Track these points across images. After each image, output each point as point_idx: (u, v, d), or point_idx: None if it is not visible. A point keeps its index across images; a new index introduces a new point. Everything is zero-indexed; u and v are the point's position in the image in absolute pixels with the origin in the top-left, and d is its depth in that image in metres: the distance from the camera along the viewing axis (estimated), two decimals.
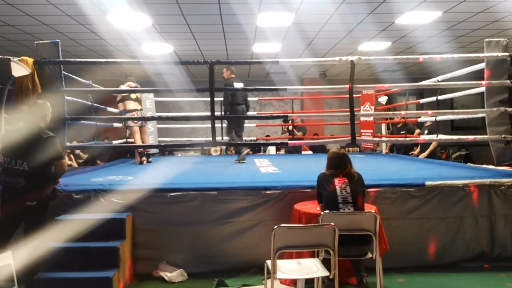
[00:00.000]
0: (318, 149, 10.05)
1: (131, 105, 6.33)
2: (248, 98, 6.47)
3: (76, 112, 5.03)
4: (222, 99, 6.40)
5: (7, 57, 4.18)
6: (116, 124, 7.70)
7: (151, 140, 8.01)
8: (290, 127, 9.06)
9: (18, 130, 3.54)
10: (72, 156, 8.55)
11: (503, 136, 4.61)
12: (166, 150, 9.97)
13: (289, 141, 5.77)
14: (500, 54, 4.62)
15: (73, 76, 5.28)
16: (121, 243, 3.60)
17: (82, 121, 5.10)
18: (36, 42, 4.60)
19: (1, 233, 3.35)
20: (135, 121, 6.30)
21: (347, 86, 4.58)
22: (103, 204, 3.90)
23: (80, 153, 9.23)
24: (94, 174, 5.12)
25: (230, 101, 6.25)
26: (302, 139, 9.12)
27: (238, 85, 6.30)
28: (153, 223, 3.94)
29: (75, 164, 8.54)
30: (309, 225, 3.24)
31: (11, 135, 3.52)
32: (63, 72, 4.68)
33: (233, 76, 6.44)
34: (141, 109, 6.44)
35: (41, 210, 3.45)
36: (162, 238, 3.94)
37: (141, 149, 6.49)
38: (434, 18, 7.33)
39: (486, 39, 4.79)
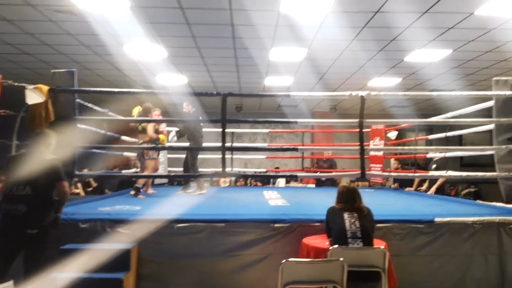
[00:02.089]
0: (327, 182, 9.99)
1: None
2: (260, 130, 6.50)
3: (92, 140, 5.12)
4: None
5: (22, 84, 4.28)
6: (126, 153, 7.79)
7: (161, 169, 8.05)
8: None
9: (20, 156, 3.60)
10: (79, 184, 8.59)
11: None
12: (175, 180, 10.00)
13: (298, 174, 5.77)
14: (508, 92, 4.66)
15: (89, 105, 5.40)
16: (126, 275, 3.55)
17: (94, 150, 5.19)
18: (52, 70, 4.71)
19: (1, 262, 3.32)
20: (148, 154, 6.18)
21: (358, 120, 4.63)
22: (109, 234, 3.88)
23: (91, 181, 9.28)
24: (101, 203, 5.13)
25: (193, 134, 6.33)
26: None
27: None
28: (158, 255, 3.90)
29: (82, 193, 8.58)
30: (317, 259, 3.20)
31: (14, 162, 3.58)
32: (81, 101, 4.78)
33: (194, 109, 6.51)
34: (143, 142, 6.18)
35: (42, 239, 3.42)
36: (168, 270, 3.89)
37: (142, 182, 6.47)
38: (444, 56, 7.44)
39: (494, 78, 4.84)
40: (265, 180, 10.44)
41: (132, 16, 5.59)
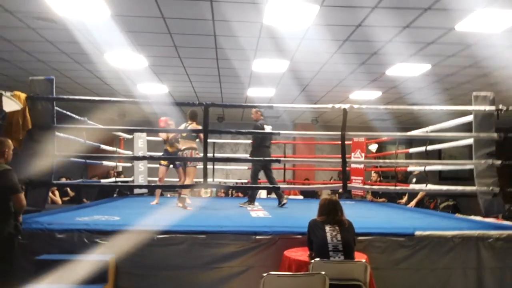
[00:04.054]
0: (309, 194, 10.01)
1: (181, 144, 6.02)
2: (241, 141, 6.46)
3: (71, 149, 5.01)
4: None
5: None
6: (106, 163, 7.65)
7: (140, 179, 7.94)
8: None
9: None
10: (57, 192, 8.38)
11: (491, 188, 4.64)
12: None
13: (280, 186, 5.77)
14: (487, 107, 4.74)
15: (68, 113, 5.30)
16: (103, 287, 3.47)
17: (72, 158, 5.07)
18: (30, 77, 4.61)
19: None
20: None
21: (340, 133, 4.65)
22: (86, 245, 3.79)
23: (68, 190, 9.07)
24: (79, 213, 5.01)
25: (259, 143, 6.26)
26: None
27: (267, 128, 6.40)
28: (137, 267, 3.80)
29: (59, 201, 8.36)
30: (299, 273, 3.17)
31: None
32: (59, 109, 4.68)
33: (262, 118, 6.48)
34: (186, 149, 5.90)
35: (6, 249, 3.31)
36: (147, 283, 3.79)
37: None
38: (424, 70, 7.57)
39: (474, 93, 4.90)
40: (247, 191, 10.38)
41: (113, 24, 5.51)
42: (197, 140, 5.91)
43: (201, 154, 5.36)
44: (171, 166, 6.62)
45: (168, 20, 5.48)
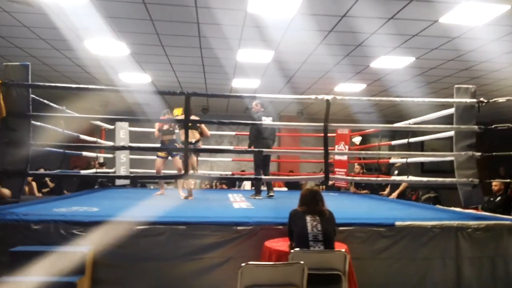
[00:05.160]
0: (293, 186, 10.02)
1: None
2: (226, 132, 6.39)
3: (48, 138, 4.89)
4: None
5: None
6: (85, 153, 7.49)
7: (122, 171, 7.82)
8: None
9: None
10: (34, 184, 8.19)
11: (470, 179, 4.69)
12: (138, 181, 9.76)
13: (264, 177, 5.71)
14: (468, 100, 4.77)
15: (45, 101, 5.16)
16: (80, 279, 3.37)
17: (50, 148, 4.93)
18: (4, 63, 4.47)
19: None
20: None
21: (322, 124, 4.62)
22: (63, 236, 3.69)
23: (48, 181, 8.89)
24: (57, 204, 4.89)
25: (255, 135, 6.21)
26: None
27: (266, 119, 6.32)
28: (116, 258, 3.72)
29: (36, 193, 8.17)
30: (277, 263, 3.14)
31: None
32: (35, 97, 4.55)
33: (262, 110, 6.41)
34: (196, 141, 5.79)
35: None
36: (126, 275, 3.72)
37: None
38: (407, 63, 7.60)
39: (456, 85, 4.94)
40: (231, 183, 10.36)
41: (91, 9, 5.36)
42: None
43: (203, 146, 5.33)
44: (169, 157, 6.54)
45: (149, 5, 5.35)
